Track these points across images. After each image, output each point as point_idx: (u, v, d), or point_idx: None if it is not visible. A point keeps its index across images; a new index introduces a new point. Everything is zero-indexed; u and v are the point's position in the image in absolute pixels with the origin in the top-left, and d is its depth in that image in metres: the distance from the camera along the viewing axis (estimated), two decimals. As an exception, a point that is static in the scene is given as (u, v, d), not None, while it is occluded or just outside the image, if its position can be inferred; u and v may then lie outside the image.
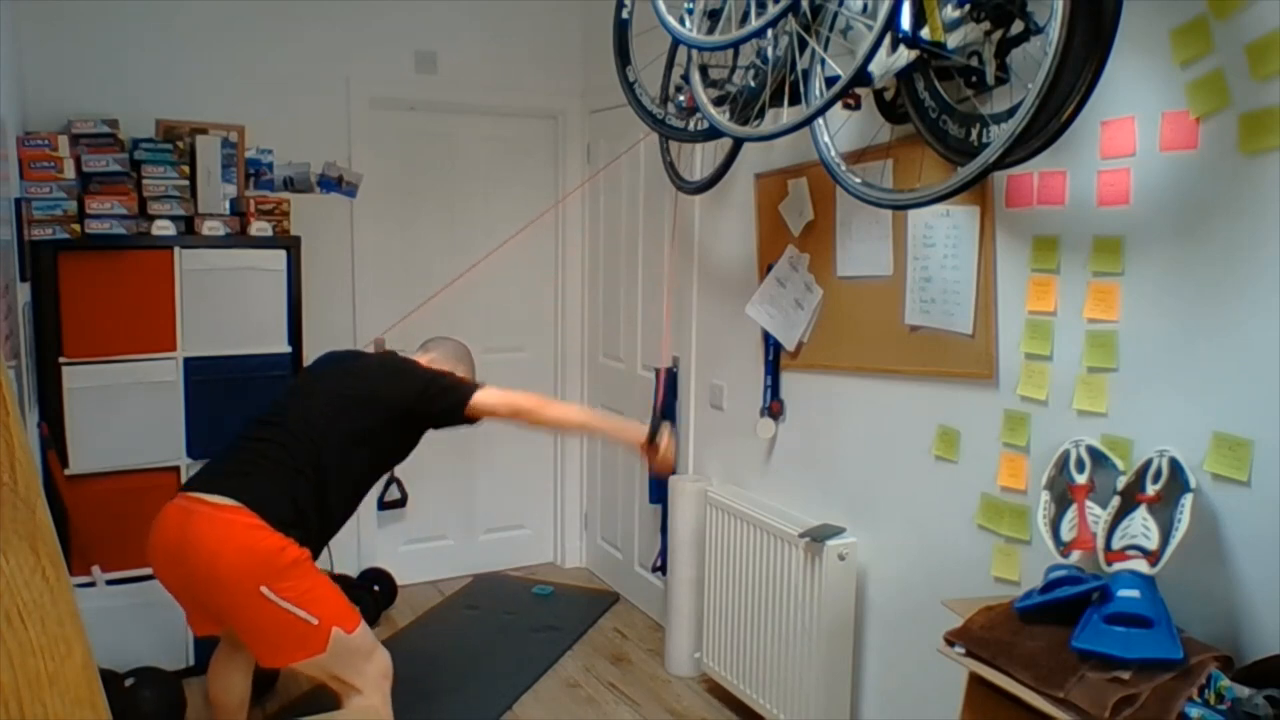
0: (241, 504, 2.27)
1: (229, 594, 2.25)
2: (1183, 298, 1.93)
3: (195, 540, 2.26)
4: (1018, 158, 2.02)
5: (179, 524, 2.30)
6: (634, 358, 4.16)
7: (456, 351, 2.89)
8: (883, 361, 2.71)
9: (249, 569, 2.23)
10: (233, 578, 2.23)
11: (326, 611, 2.32)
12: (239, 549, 2.24)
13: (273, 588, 2.24)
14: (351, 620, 2.38)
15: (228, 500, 2.28)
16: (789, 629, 2.87)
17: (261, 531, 2.25)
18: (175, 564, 2.32)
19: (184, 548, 2.27)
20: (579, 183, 4.42)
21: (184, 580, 2.34)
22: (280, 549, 2.27)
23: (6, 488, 1.09)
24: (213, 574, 2.25)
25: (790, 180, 3.00)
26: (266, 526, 2.26)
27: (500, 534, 4.59)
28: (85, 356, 3.19)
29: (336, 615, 2.34)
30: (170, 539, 2.31)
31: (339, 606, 2.37)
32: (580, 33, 4.41)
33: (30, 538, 1.09)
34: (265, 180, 3.74)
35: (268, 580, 2.23)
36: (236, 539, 2.24)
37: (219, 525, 2.26)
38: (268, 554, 2.25)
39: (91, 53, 3.51)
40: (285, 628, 2.27)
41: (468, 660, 3.63)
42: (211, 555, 2.24)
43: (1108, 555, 1.87)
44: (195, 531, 2.26)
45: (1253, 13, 1.76)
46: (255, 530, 2.25)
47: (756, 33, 2.24)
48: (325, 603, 2.33)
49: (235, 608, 2.28)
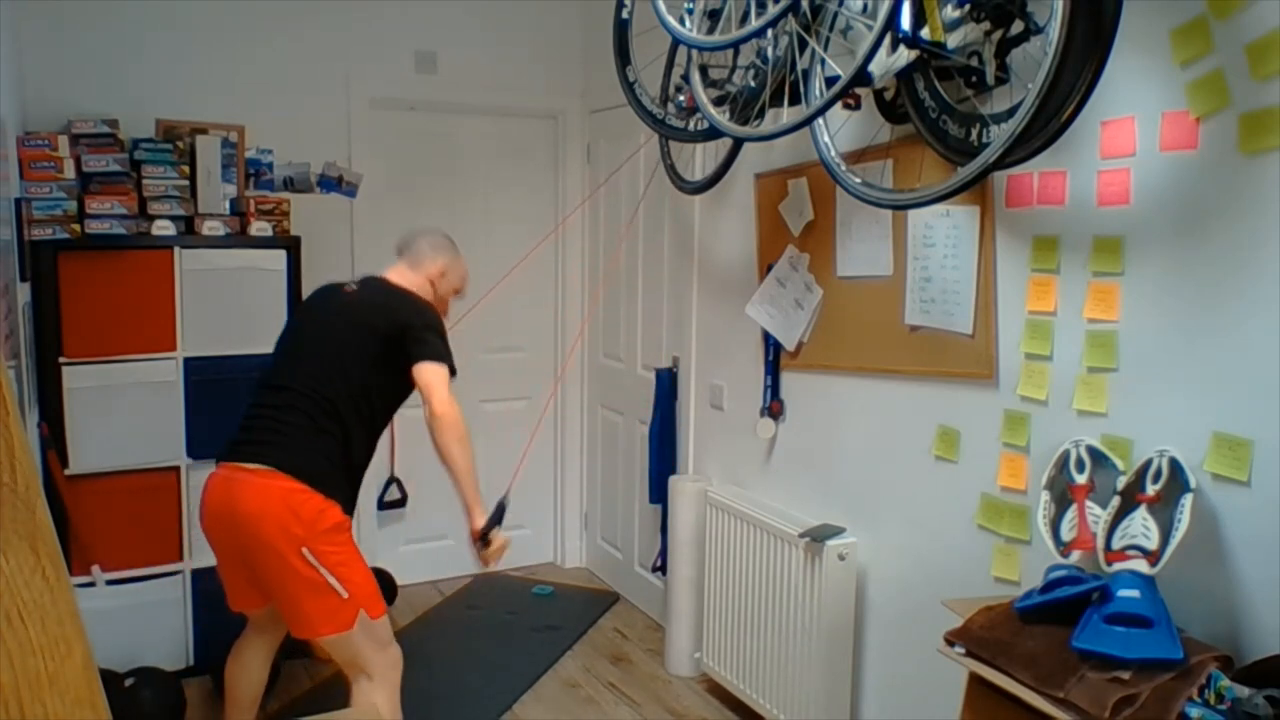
0: (278, 469, 2.35)
1: (273, 555, 2.33)
2: (1183, 298, 1.93)
3: (241, 504, 2.34)
4: (1018, 158, 2.02)
5: (224, 490, 2.39)
6: (634, 358, 4.17)
7: (436, 245, 2.81)
8: (883, 361, 2.71)
9: (292, 530, 2.31)
10: (276, 539, 2.31)
11: (357, 589, 2.39)
12: (281, 510, 2.32)
13: (313, 550, 2.32)
14: (377, 606, 2.45)
15: (265, 466, 2.37)
16: (789, 629, 2.87)
17: (303, 494, 2.34)
18: (225, 529, 2.42)
19: (233, 513, 2.36)
20: (588, 191, 4.42)
21: (232, 544, 2.42)
22: (320, 510, 2.35)
23: (6, 488, 1.09)
24: (258, 536, 2.32)
25: (790, 180, 3.00)
26: (306, 489, 2.35)
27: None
28: (85, 356, 3.19)
29: (365, 596, 2.42)
30: (219, 505, 2.41)
31: (369, 589, 2.44)
32: (580, 33, 4.41)
33: (30, 538, 1.09)
34: (265, 180, 3.74)
35: (309, 542, 2.32)
36: (278, 501, 2.32)
37: (260, 489, 2.34)
38: (310, 515, 2.33)
39: (91, 53, 3.51)
40: (319, 597, 2.35)
41: (468, 660, 3.63)
42: (257, 518, 2.32)
43: (1108, 555, 1.87)
44: (240, 496, 2.35)
45: (1253, 13, 1.76)
46: (296, 493, 2.33)
47: (756, 33, 2.24)
48: (357, 580, 2.41)
49: (276, 571, 2.35)
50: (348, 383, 2.51)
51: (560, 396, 4.62)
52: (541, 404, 4.60)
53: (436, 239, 2.85)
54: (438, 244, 2.84)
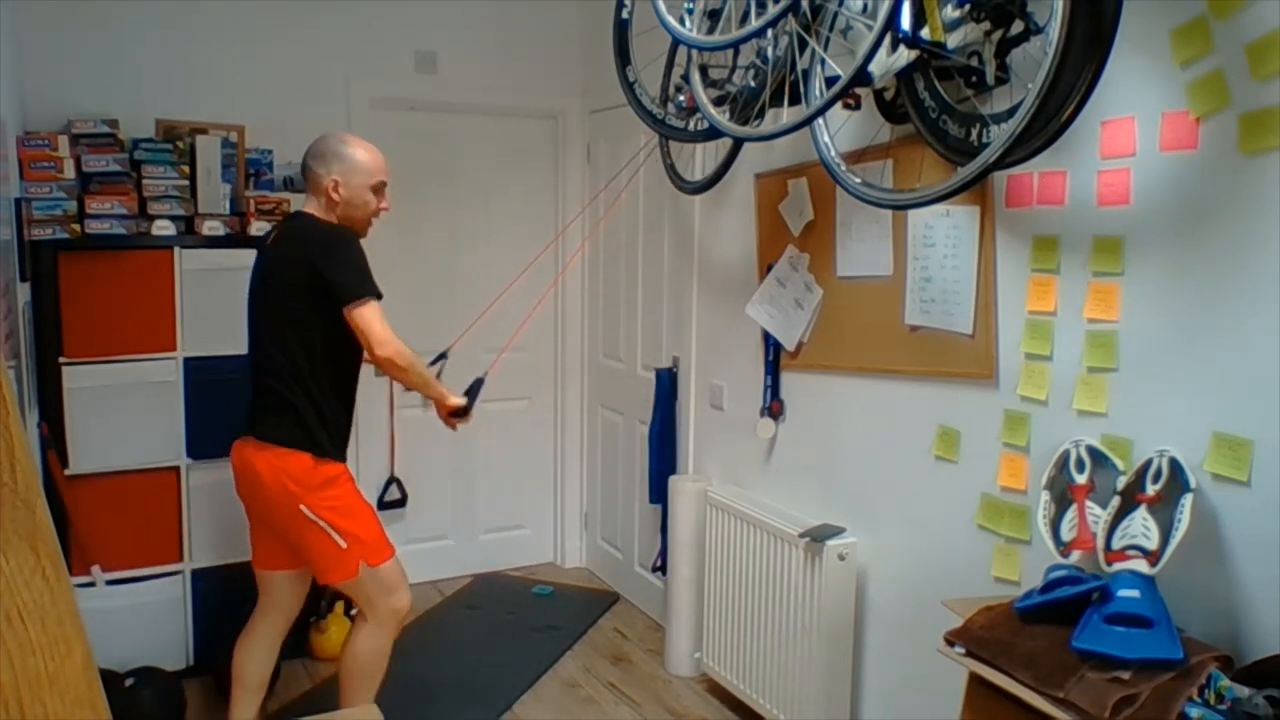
0: (267, 441, 2.58)
1: (280, 514, 2.58)
2: (1183, 298, 1.93)
3: (250, 472, 2.60)
4: (1018, 158, 2.02)
5: (239, 461, 2.66)
6: (634, 358, 4.17)
7: (320, 155, 2.61)
8: (883, 361, 2.71)
9: (290, 489, 2.54)
10: (278, 498, 2.56)
11: (354, 540, 2.58)
12: (276, 474, 2.55)
13: (309, 504, 2.54)
14: (378, 555, 2.63)
15: (259, 440, 2.60)
16: (789, 629, 2.87)
17: (291, 457, 2.55)
18: (245, 494, 2.69)
19: (248, 480, 2.63)
20: (588, 191, 4.41)
21: (254, 507, 2.69)
22: (311, 468, 2.56)
23: (6, 488, 1.09)
24: (267, 499, 2.59)
25: (790, 180, 3.00)
26: (293, 452, 2.55)
27: (500, 534, 4.59)
28: (85, 356, 3.19)
29: (364, 545, 2.60)
30: (238, 473, 2.68)
31: (368, 537, 2.62)
32: (580, 33, 4.41)
33: (30, 538, 1.09)
34: (265, 180, 3.73)
35: (305, 498, 2.54)
36: (271, 466, 2.55)
37: (257, 459, 2.57)
38: (302, 474, 2.55)
39: (91, 53, 3.51)
40: (323, 548, 2.57)
41: (468, 660, 3.63)
42: (261, 483, 2.57)
43: (1108, 555, 1.87)
44: (249, 465, 2.60)
45: (1253, 13, 1.76)
46: (284, 456, 2.55)
47: (756, 33, 2.24)
48: (355, 530, 2.59)
49: (285, 527, 2.60)
50: (292, 350, 2.58)
51: (560, 396, 4.63)
52: (542, 404, 4.61)
53: (320, 147, 2.63)
54: (321, 153, 2.62)
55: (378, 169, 2.70)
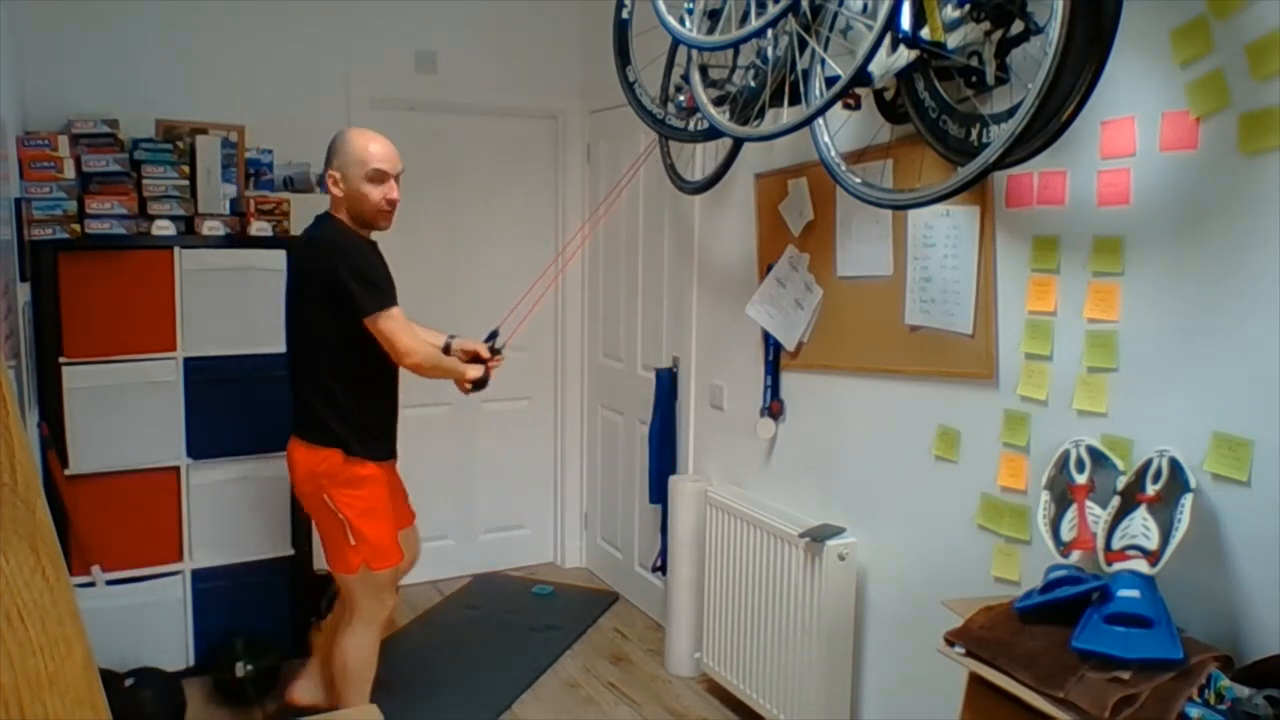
0: (305, 440, 2.76)
1: (308, 498, 2.79)
2: (1183, 298, 1.93)
3: (291, 466, 2.81)
4: (1018, 158, 2.02)
5: (289, 458, 2.83)
6: (634, 358, 4.17)
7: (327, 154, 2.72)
8: (883, 361, 2.71)
9: (319, 480, 2.72)
10: (307, 486, 2.76)
11: (363, 542, 2.71)
12: (309, 467, 2.74)
13: (331, 495, 2.71)
14: (382, 561, 2.74)
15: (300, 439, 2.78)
16: (789, 629, 2.87)
17: (323, 455, 2.71)
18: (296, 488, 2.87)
19: (292, 473, 2.82)
20: (588, 191, 4.41)
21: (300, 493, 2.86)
22: (341, 465, 2.70)
23: (6, 488, 1.09)
24: (300, 486, 2.80)
25: (790, 180, 3.00)
26: (326, 449, 2.71)
27: (500, 534, 4.59)
28: (85, 356, 3.19)
29: (372, 550, 2.72)
30: (289, 469, 2.85)
31: (378, 544, 2.74)
32: (580, 33, 4.41)
33: (30, 538, 1.09)
34: (265, 180, 3.73)
35: (329, 489, 2.71)
36: (307, 461, 2.74)
37: (298, 454, 2.77)
38: (331, 469, 2.70)
39: (91, 53, 3.51)
40: (334, 538, 2.74)
41: (468, 660, 3.63)
42: (297, 477, 2.79)
43: (1108, 555, 1.87)
44: (291, 460, 2.80)
45: (1253, 13, 1.76)
46: (318, 453, 2.72)
47: (756, 33, 2.24)
48: (368, 534, 2.72)
49: (311, 511, 2.86)
50: (314, 354, 2.73)
51: (560, 396, 4.63)
52: (542, 404, 4.61)
53: (330, 143, 2.72)
54: (328, 148, 2.72)
55: (372, 157, 2.66)
